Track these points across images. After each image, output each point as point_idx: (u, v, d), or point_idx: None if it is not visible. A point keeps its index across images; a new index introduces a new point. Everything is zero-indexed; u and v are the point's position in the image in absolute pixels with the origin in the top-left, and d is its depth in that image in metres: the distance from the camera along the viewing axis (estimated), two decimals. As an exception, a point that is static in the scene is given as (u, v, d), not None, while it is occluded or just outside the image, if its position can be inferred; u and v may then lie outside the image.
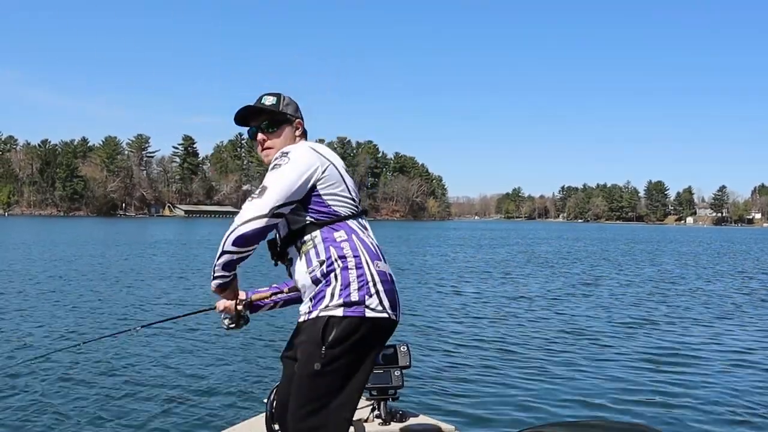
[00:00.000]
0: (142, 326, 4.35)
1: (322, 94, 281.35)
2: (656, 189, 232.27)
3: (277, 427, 3.26)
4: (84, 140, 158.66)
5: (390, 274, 2.78)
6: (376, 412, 3.64)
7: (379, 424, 3.60)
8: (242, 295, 3.13)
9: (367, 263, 2.69)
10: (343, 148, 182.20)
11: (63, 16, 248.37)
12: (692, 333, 11.68)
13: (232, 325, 3.14)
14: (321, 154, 2.78)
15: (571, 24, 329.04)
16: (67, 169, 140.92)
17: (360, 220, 2.84)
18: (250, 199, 2.65)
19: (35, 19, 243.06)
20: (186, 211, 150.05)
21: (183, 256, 29.22)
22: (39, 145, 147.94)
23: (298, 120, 2.99)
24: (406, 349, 3.67)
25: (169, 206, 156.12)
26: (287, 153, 2.74)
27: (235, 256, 2.67)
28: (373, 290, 2.66)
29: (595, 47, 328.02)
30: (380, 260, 2.76)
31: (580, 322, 12.56)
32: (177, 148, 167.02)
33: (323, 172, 2.73)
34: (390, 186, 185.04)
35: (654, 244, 54.56)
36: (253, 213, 2.60)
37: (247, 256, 2.71)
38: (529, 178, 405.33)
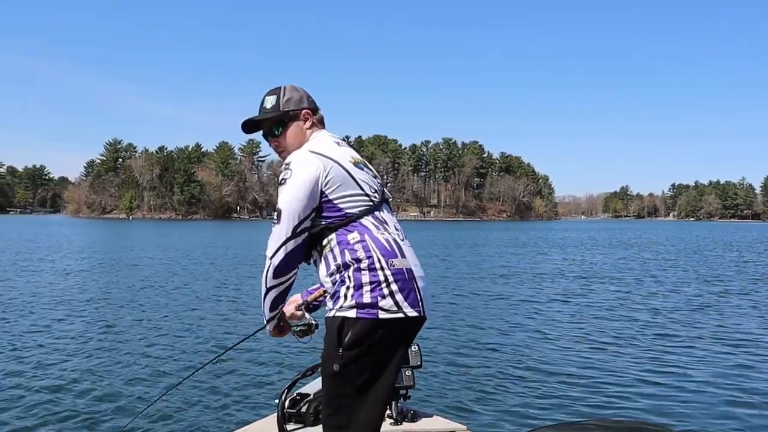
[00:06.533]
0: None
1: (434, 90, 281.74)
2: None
3: (289, 427, 3.32)
4: (198, 146, 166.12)
5: (408, 270, 2.64)
6: (387, 412, 3.62)
7: (390, 423, 3.58)
8: (298, 299, 3.06)
9: (380, 262, 2.59)
10: (449, 148, 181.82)
11: (175, 28, 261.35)
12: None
13: (304, 336, 2.96)
14: (322, 155, 2.68)
15: (681, 20, 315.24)
16: (185, 174, 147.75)
17: (377, 213, 2.72)
18: (272, 225, 2.66)
19: (149, 31, 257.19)
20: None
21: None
22: (156, 151, 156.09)
23: (305, 111, 2.87)
24: (417, 349, 3.62)
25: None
26: (289, 164, 2.67)
27: (282, 288, 2.71)
28: (386, 291, 2.57)
29: (705, 42, 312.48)
30: (396, 257, 2.63)
31: (609, 327, 11.86)
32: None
33: (327, 176, 2.63)
34: (496, 186, 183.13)
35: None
36: (277, 242, 2.63)
37: (292, 284, 2.74)
38: (637, 176, 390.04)
